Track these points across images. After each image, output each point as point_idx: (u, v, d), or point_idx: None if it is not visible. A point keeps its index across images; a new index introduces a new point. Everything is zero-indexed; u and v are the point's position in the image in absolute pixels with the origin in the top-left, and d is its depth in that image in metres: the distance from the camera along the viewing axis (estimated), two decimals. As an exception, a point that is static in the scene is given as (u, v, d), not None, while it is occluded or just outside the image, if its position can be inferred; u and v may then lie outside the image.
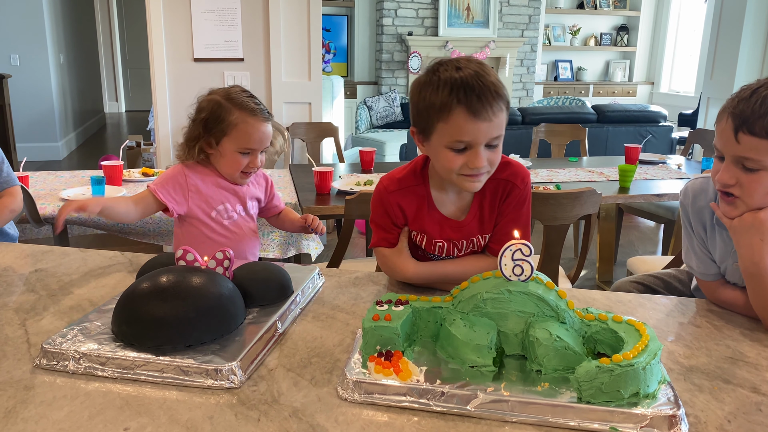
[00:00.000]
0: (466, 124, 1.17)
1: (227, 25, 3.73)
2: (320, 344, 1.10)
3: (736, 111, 1.14)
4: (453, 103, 1.16)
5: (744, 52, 5.26)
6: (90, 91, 8.91)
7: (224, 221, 1.69)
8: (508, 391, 0.90)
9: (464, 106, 1.16)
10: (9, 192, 2.02)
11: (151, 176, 2.79)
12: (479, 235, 1.39)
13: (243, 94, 1.63)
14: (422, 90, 1.21)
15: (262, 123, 1.61)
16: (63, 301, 1.27)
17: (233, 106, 1.59)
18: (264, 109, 1.63)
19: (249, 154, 1.62)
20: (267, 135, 1.63)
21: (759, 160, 1.13)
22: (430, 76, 1.21)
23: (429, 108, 1.20)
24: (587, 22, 8.45)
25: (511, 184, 1.34)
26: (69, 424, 0.85)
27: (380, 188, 1.38)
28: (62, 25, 7.14)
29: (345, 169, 3.25)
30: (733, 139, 1.15)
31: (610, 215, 3.34)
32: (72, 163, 6.62)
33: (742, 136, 1.13)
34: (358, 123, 6.87)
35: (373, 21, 7.51)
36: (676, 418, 0.84)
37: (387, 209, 1.37)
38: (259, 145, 1.62)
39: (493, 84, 1.17)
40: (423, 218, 1.37)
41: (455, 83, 1.16)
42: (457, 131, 1.18)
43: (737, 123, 1.14)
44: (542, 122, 4.23)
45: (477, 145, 1.19)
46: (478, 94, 1.15)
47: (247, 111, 1.59)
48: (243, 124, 1.59)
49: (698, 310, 1.30)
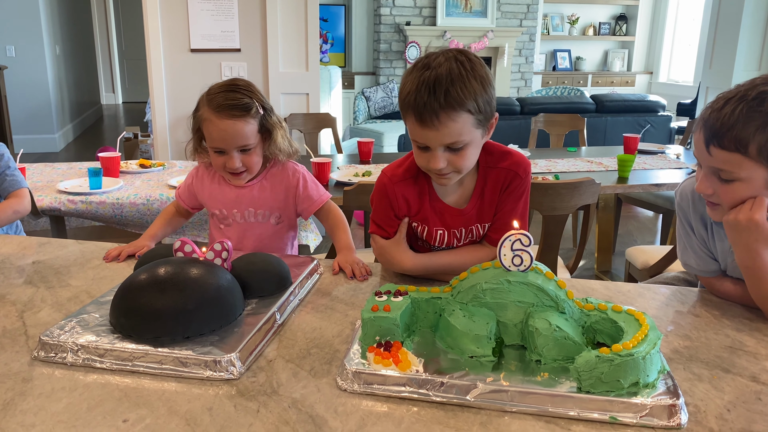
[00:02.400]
0: (415, 129, 1.21)
1: (224, 15, 3.71)
2: (319, 335, 1.09)
3: (707, 123, 1.13)
4: (407, 107, 1.19)
5: (743, 41, 5.24)
6: (87, 83, 8.87)
7: (220, 225, 1.67)
8: (507, 381, 0.90)
9: (413, 111, 1.18)
10: (17, 193, 2.00)
11: (148, 167, 2.78)
12: (478, 224, 1.39)
13: (227, 88, 1.50)
14: (403, 80, 1.23)
15: (225, 121, 1.47)
16: (61, 293, 1.26)
17: (206, 101, 1.51)
18: (240, 106, 1.48)
19: (223, 153, 1.52)
20: (233, 134, 1.48)
21: (731, 171, 1.12)
22: (411, 68, 1.22)
23: (401, 100, 1.22)
24: (586, 11, 8.42)
25: (512, 173, 1.34)
26: (68, 416, 0.84)
27: (384, 180, 1.38)
28: (58, 16, 7.09)
29: (343, 160, 3.24)
30: (706, 152, 1.14)
31: (608, 205, 3.33)
32: (69, 155, 6.60)
33: (713, 149, 1.12)
34: (356, 114, 6.84)
35: (371, 11, 7.47)
36: (676, 408, 0.84)
37: (392, 201, 1.37)
38: (225, 144, 1.49)
39: (447, 92, 1.14)
40: (426, 208, 1.37)
41: (414, 85, 1.17)
42: (411, 132, 1.22)
43: (707, 136, 1.13)
44: (541, 112, 4.21)
45: (433, 148, 1.21)
46: (426, 101, 1.14)
47: (213, 108, 1.48)
48: (206, 122, 1.50)
49: (697, 300, 1.29)
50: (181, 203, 1.71)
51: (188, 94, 3.75)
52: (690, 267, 1.36)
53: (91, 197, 2.32)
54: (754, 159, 1.09)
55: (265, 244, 1.65)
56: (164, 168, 2.83)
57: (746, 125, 1.08)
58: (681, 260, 1.38)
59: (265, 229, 1.65)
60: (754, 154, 1.09)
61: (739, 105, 1.09)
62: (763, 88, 1.09)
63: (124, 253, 1.48)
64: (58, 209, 2.29)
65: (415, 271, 1.37)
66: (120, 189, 2.43)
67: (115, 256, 1.47)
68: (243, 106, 1.49)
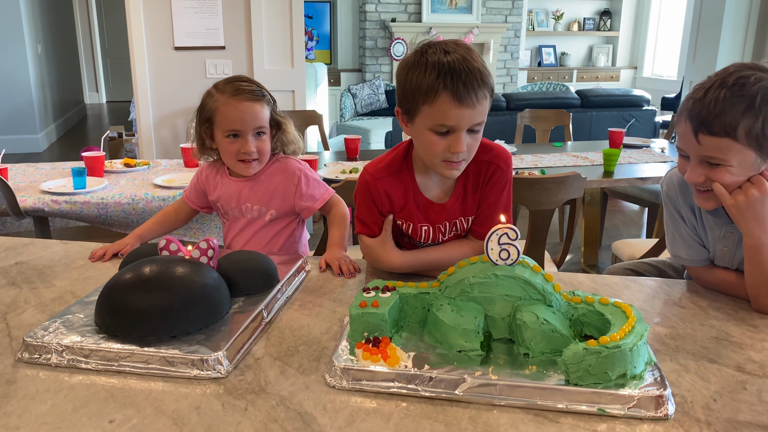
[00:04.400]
0: (450, 109, 1.17)
1: (208, 12, 3.68)
2: (307, 332, 1.09)
3: (692, 113, 1.15)
4: (439, 88, 1.16)
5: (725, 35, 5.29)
6: (69, 82, 8.77)
7: (224, 220, 1.69)
8: (495, 374, 0.90)
9: (450, 92, 1.16)
10: None
11: (133, 167, 2.76)
12: (462, 218, 1.39)
13: (235, 79, 1.57)
14: (409, 71, 1.21)
15: (244, 102, 1.52)
16: (45, 294, 1.25)
17: (216, 91, 1.56)
18: (254, 91, 1.55)
19: (237, 138, 1.54)
20: (251, 115, 1.53)
21: (722, 158, 1.15)
22: (417, 58, 1.21)
23: (415, 90, 1.20)
24: (570, 7, 8.46)
25: (494, 166, 1.34)
26: (53, 418, 0.83)
27: (366, 177, 1.37)
28: (39, 15, 7.00)
29: (330, 157, 3.23)
30: (695, 141, 1.16)
31: (594, 199, 3.35)
32: (53, 155, 6.53)
33: (703, 137, 1.14)
34: (342, 111, 6.83)
35: (356, 7, 7.45)
36: (663, 399, 0.85)
37: (374, 198, 1.36)
38: (243, 125, 1.53)
39: (479, 71, 1.18)
40: (409, 204, 1.37)
41: (442, 67, 1.16)
42: (441, 115, 1.18)
43: (695, 125, 1.15)
44: (526, 108, 4.23)
45: (459, 130, 1.20)
46: (464, 80, 1.16)
47: (228, 92, 1.54)
48: (223, 106, 1.53)
49: (683, 292, 1.30)
50: (188, 203, 1.72)
51: (173, 93, 3.73)
52: (680, 258, 1.36)
53: (75, 197, 2.29)
54: (742, 142, 1.12)
55: (262, 241, 1.64)
56: (149, 167, 2.81)
57: (732, 110, 1.11)
58: (670, 251, 1.39)
59: (259, 225, 1.64)
60: (742, 138, 1.12)
61: (721, 92, 1.11)
62: (739, 74, 1.12)
63: (110, 251, 1.47)
64: (41, 210, 2.26)
65: (402, 268, 1.37)
66: (105, 189, 2.40)
67: (100, 255, 1.46)
68: (258, 92, 1.56)
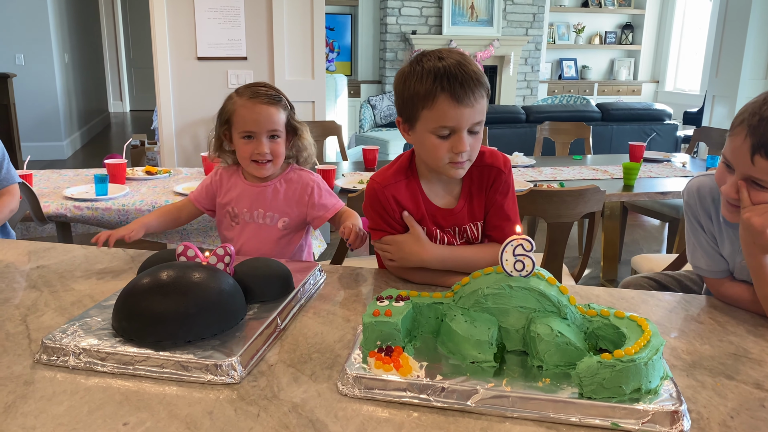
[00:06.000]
0: (449, 110, 1.22)
1: (231, 23, 3.74)
2: (321, 340, 1.09)
3: (757, 132, 1.08)
4: (437, 91, 1.21)
5: (749, 49, 5.23)
6: (94, 91, 8.93)
7: (232, 223, 1.70)
8: (509, 386, 0.90)
9: (448, 93, 1.21)
10: (8, 190, 2.01)
11: (154, 174, 2.80)
12: (470, 223, 1.40)
13: (256, 84, 1.62)
14: (406, 80, 1.26)
15: (260, 105, 1.58)
16: (64, 297, 1.27)
17: (236, 95, 1.62)
18: (271, 95, 1.60)
19: (252, 139, 1.59)
20: (266, 117, 1.58)
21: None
22: (413, 67, 1.26)
23: (413, 96, 1.25)
24: (592, 20, 8.42)
25: (495, 170, 1.38)
26: (68, 419, 0.85)
27: (374, 186, 1.39)
28: (67, 25, 7.15)
29: (348, 168, 3.24)
30: (749, 160, 1.10)
31: (614, 213, 3.32)
32: (76, 162, 6.64)
33: (759, 159, 1.08)
34: (361, 122, 6.86)
35: (377, 19, 7.50)
36: (678, 414, 0.84)
37: (384, 205, 1.37)
38: (258, 127, 1.58)
39: (474, 72, 1.23)
40: (419, 210, 1.38)
41: (438, 72, 1.22)
42: (441, 117, 1.23)
43: (755, 144, 1.08)
44: (546, 120, 4.21)
45: (460, 129, 1.24)
46: (461, 81, 1.21)
47: (246, 95, 1.59)
48: (241, 108, 1.59)
49: (702, 307, 1.29)
50: (195, 203, 1.74)
51: (195, 102, 3.78)
52: (700, 269, 1.35)
53: (97, 203, 2.33)
54: None
55: (269, 248, 1.65)
56: (170, 175, 2.84)
57: None
58: (691, 262, 1.37)
59: (271, 232, 1.67)
60: None
61: None
62: None
63: (114, 237, 1.48)
64: (64, 215, 2.30)
65: (433, 262, 1.36)
66: (126, 195, 2.44)
67: (104, 239, 1.46)
68: (275, 96, 1.61)
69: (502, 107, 4.80)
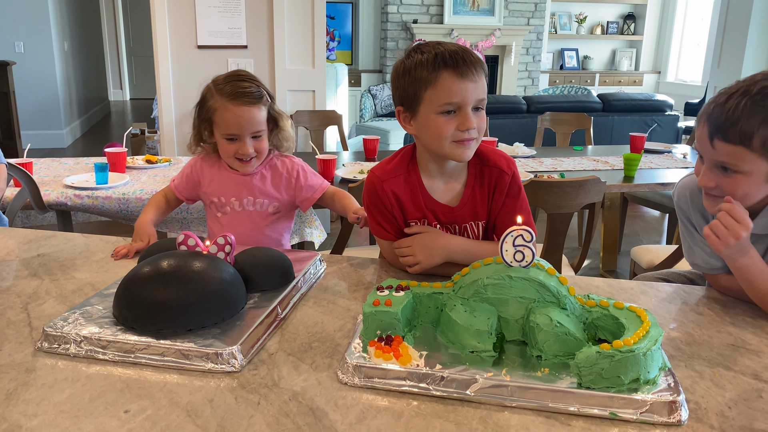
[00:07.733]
0: (453, 85, 1.23)
1: (231, 12, 3.72)
2: (321, 329, 1.10)
3: (711, 117, 1.15)
4: (440, 68, 1.23)
5: (752, 40, 5.21)
6: (94, 79, 8.90)
7: (217, 213, 1.70)
8: (508, 376, 0.90)
9: (451, 68, 1.23)
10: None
11: (154, 163, 2.80)
12: (472, 222, 1.39)
13: (235, 78, 1.58)
14: (405, 67, 1.28)
15: (242, 108, 1.55)
16: (65, 286, 1.27)
17: (216, 91, 1.58)
18: (253, 93, 1.57)
19: (235, 140, 1.58)
20: (250, 120, 1.56)
21: (735, 164, 1.15)
22: (410, 54, 1.29)
23: (415, 81, 1.26)
24: (594, 10, 8.39)
25: (497, 170, 1.36)
26: (70, 406, 0.85)
27: (372, 179, 1.37)
28: (66, 13, 7.12)
29: (349, 158, 3.24)
30: (709, 145, 1.16)
31: (614, 204, 3.32)
32: (76, 151, 6.63)
33: (717, 142, 1.14)
34: (362, 111, 6.85)
35: (378, 8, 7.46)
36: (676, 404, 0.84)
37: (383, 200, 1.36)
38: (241, 131, 1.56)
39: (472, 54, 1.27)
40: (419, 205, 1.37)
41: (439, 53, 1.24)
42: (446, 93, 1.24)
43: (712, 129, 1.15)
44: (547, 111, 4.20)
45: (465, 105, 1.25)
46: (462, 57, 1.24)
47: (226, 96, 1.55)
48: (222, 110, 1.56)
49: (701, 298, 1.29)
50: (177, 194, 1.74)
51: (195, 91, 3.71)
52: (698, 266, 1.36)
53: (97, 192, 2.33)
54: (757, 152, 1.12)
55: (260, 234, 1.68)
56: (170, 164, 2.84)
57: (750, 119, 1.10)
58: (688, 261, 1.38)
59: (261, 218, 1.68)
60: (757, 148, 1.11)
61: (742, 99, 1.11)
62: (764, 83, 1.12)
63: (133, 250, 1.47)
64: (64, 204, 2.30)
65: (460, 252, 1.33)
66: (126, 184, 2.44)
67: (124, 254, 1.45)
68: (255, 94, 1.57)
69: (503, 97, 4.79)
